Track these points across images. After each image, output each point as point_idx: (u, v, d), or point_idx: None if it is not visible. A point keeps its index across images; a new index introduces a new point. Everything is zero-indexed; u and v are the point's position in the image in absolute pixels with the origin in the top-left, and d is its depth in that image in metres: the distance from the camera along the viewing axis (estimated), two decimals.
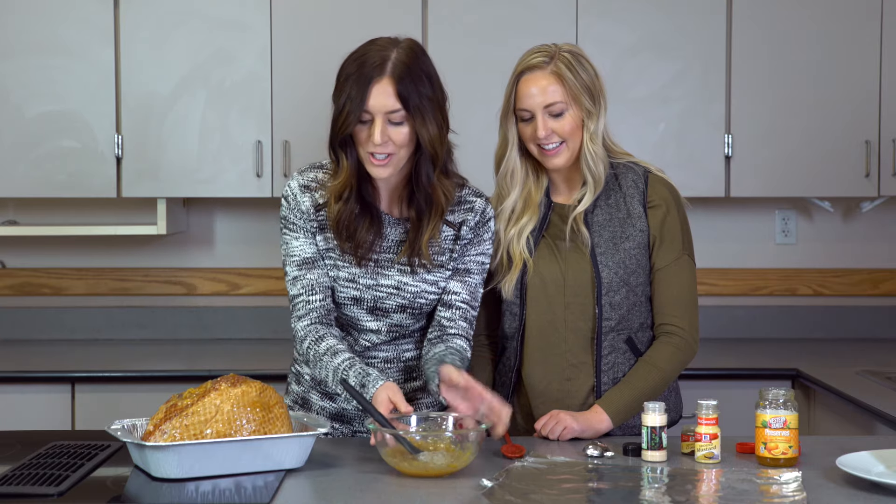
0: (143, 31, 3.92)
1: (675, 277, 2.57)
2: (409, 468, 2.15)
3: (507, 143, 2.59)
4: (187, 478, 2.12)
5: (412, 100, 2.35)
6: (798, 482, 2.09)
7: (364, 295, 2.47)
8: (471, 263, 2.51)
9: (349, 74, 2.36)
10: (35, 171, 3.93)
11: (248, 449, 2.16)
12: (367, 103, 2.33)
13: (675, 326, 2.56)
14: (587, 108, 2.53)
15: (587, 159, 2.54)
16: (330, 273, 2.47)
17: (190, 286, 4.33)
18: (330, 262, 2.47)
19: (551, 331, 2.57)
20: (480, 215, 2.51)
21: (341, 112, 2.35)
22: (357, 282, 2.46)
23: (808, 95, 3.97)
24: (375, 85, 2.33)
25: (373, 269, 2.46)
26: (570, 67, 2.52)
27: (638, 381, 2.52)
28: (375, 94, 2.33)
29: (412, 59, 2.38)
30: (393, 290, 2.47)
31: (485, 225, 2.52)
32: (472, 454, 2.18)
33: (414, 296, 2.48)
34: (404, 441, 2.17)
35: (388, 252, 2.47)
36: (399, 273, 2.47)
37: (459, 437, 2.21)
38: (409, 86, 2.35)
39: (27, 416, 3.59)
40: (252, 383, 2.23)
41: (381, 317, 2.49)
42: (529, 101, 2.52)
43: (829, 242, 4.37)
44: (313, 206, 2.46)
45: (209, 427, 2.15)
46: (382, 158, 2.37)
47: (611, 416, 2.48)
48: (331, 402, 2.58)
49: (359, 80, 2.34)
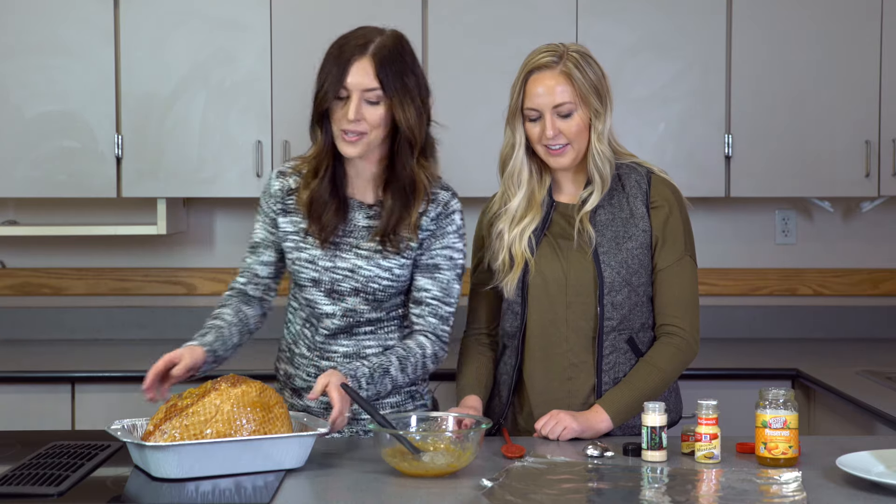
0: (143, 31, 3.92)
1: (676, 278, 2.57)
2: (409, 468, 2.15)
3: (514, 143, 2.59)
4: (187, 478, 2.12)
5: (390, 82, 2.42)
6: (798, 482, 2.09)
7: (322, 277, 2.53)
8: (438, 258, 2.53)
9: (332, 54, 2.46)
10: (35, 171, 3.93)
11: (248, 449, 2.16)
12: (345, 80, 2.41)
13: (676, 327, 2.56)
14: (595, 108, 2.53)
15: (595, 159, 2.54)
16: (291, 255, 2.55)
17: (190, 286, 4.33)
18: (292, 245, 2.55)
19: (553, 330, 2.57)
20: (443, 207, 2.53)
21: (321, 89, 2.44)
22: (316, 263, 2.53)
23: (809, 95, 3.97)
24: (355, 63, 2.42)
25: (332, 252, 2.52)
26: (579, 67, 2.51)
27: (638, 381, 2.52)
28: (354, 72, 2.42)
29: (395, 45, 2.46)
30: (348, 272, 2.51)
31: (447, 217, 2.54)
32: (472, 454, 2.18)
33: (367, 280, 2.51)
34: (405, 441, 2.17)
35: (351, 236, 2.53)
36: (355, 257, 2.52)
37: (459, 437, 2.21)
38: (389, 69, 2.42)
39: (27, 416, 3.59)
40: (252, 383, 2.24)
41: (336, 300, 2.53)
42: (538, 100, 2.52)
43: (829, 242, 4.37)
44: (283, 189, 2.57)
45: (209, 427, 2.15)
46: (353, 136, 2.43)
47: (611, 416, 2.47)
48: (298, 399, 2.62)
49: (340, 59, 2.43)
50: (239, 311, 2.59)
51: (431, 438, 2.22)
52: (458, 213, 2.56)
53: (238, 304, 2.60)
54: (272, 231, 2.58)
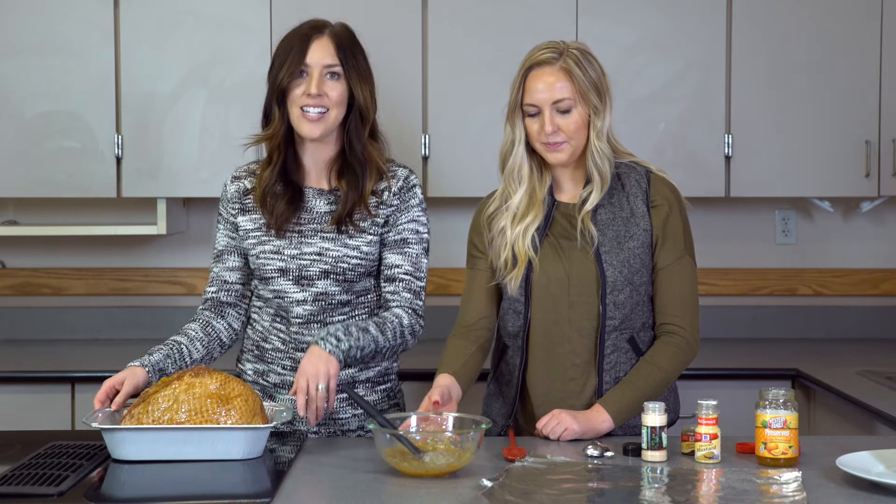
0: (143, 31, 3.92)
1: (676, 277, 2.57)
2: (409, 468, 2.16)
3: (513, 140, 2.59)
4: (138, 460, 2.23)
5: (349, 60, 2.50)
6: (798, 482, 2.09)
7: (289, 265, 2.55)
8: (405, 233, 2.57)
9: (288, 38, 2.53)
10: (35, 171, 3.92)
11: (192, 437, 2.24)
12: (305, 56, 2.48)
13: (676, 326, 2.56)
14: (594, 106, 2.53)
15: (594, 156, 2.54)
16: (254, 250, 2.58)
17: (190, 286, 4.33)
18: (254, 241, 2.59)
19: (555, 330, 2.57)
20: (404, 181, 2.59)
21: (280, 67, 2.49)
22: (282, 253, 2.56)
23: (808, 95, 3.97)
24: (315, 41, 2.50)
25: (297, 240, 2.56)
26: (579, 64, 2.51)
27: (639, 380, 2.51)
28: (314, 49, 2.49)
29: (349, 32, 2.57)
30: (316, 256, 2.54)
31: (409, 191, 2.58)
32: (472, 454, 2.18)
33: (336, 260, 2.53)
34: (406, 441, 2.17)
35: (313, 223, 2.56)
36: (321, 240, 2.55)
37: (459, 437, 2.21)
38: (347, 49, 2.52)
39: (27, 416, 3.59)
40: (215, 376, 2.31)
41: (306, 286, 2.55)
42: (537, 96, 2.52)
43: (829, 242, 4.37)
44: (240, 191, 2.62)
45: (167, 414, 2.25)
46: (316, 114, 2.47)
47: (612, 416, 2.47)
48: (271, 400, 2.62)
49: (297, 39, 2.50)
50: (207, 326, 2.62)
51: (431, 439, 2.22)
52: (419, 188, 2.61)
53: (208, 319, 2.63)
54: (233, 236, 2.62)
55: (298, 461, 2.30)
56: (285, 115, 2.52)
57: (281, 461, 2.32)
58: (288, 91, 2.49)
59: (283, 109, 2.51)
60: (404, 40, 3.92)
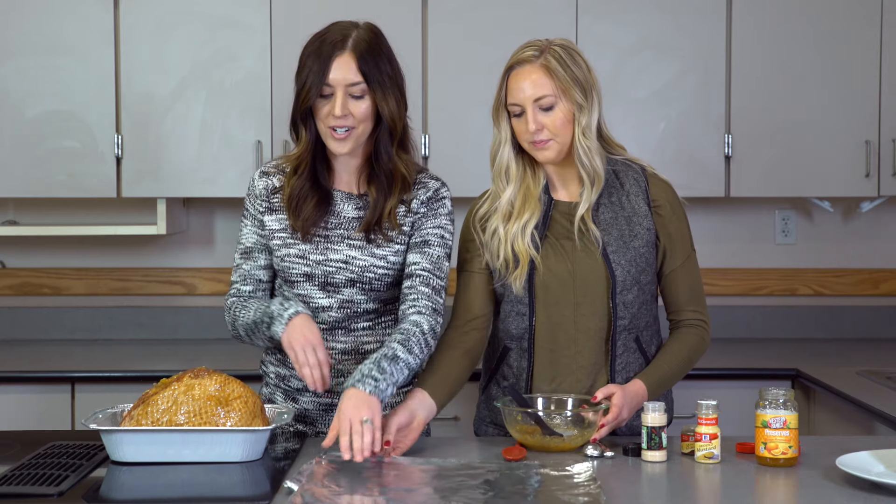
0: (143, 31, 3.92)
1: (688, 273, 2.61)
2: (531, 441, 2.36)
3: (499, 139, 2.58)
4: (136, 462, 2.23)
5: (373, 74, 2.42)
6: (590, 471, 2.14)
7: (314, 271, 2.51)
8: (428, 235, 2.53)
9: (311, 52, 2.44)
10: (35, 171, 3.93)
11: (189, 439, 2.23)
12: (328, 76, 2.41)
13: (699, 318, 2.60)
14: (578, 102, 2.50)
15: (579, 154, 2.51)
16: (280, 252, 2.53)
17: (190, 286, 4.33)
18: (280, 242, 2.54)
19: (560, 332, 2.55)
20: (433, 192, 2.55)
21: (303, 87, 2.42)
22: (307, 258, 2.51)
23: (808, 95, 3.97)
24: (337, 59, 2.41)
25: (323, 245, 2.51)
26: (560, 61, 2.50)
27: (672, 358, 2.55)
28: (336, 68, 2.41)
29: (372, 37, 2.46)
30: (342, 264, 2.50)
31: (438, 201, 2.55)
32: (589, 434, 2.36)
33: (362, 269, 2.50)
34: (543, 423, 2.35)
35: (340, 228, 2.52)
36: (348, 248, 2.51)
37: (580, 417, 2.36)
38: (370, 61, 2.43)
39: (27, 416, 3.59)
40: (215, 377, 2.30)
41: (332, 293, 2.52)
42: (519, 94, 2.50)
43: (829, 242, 4.37)
44: (268, 188, 2.56)
45: (165, 416, 2.24)
46: (343, 133, 2.43)
47: (649, 389, 2.49)
48: (294, 403, 2.59)
49: (320, 56, 2.42)
50: None
51: (557, 419, 2.38)
52: (449, 200, 2.57)
53: None
54: (262, 233, 2.57)
55: (298, 463, 2.30)
56: (313, 130, 2.47)
57: (280, 463, 2.31)
58: (314, 109, 2.44)
59: (310, 123, 2.46)
60: (404, 40, 3.91)
